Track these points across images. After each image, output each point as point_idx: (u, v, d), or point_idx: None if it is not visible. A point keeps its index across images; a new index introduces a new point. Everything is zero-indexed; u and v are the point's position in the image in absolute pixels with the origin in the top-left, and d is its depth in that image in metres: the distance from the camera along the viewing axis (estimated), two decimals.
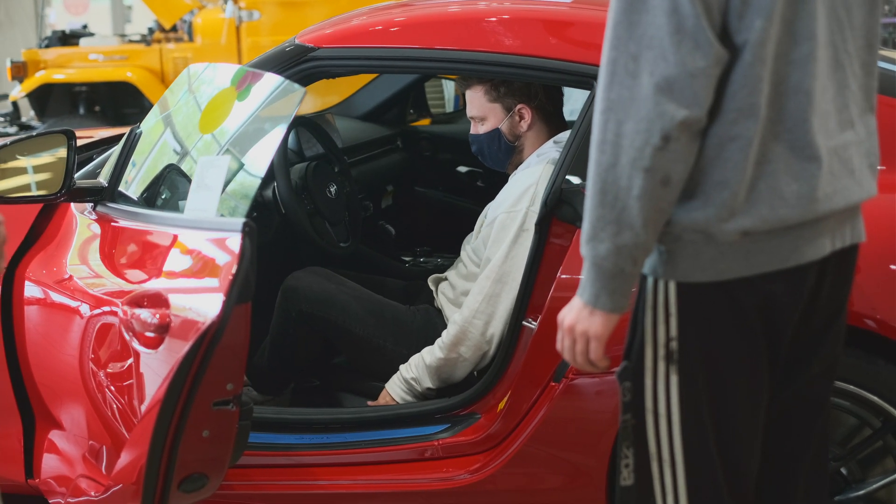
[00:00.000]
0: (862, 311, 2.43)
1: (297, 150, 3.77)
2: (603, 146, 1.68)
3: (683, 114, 1.63)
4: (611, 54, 1.67)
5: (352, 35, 3.02)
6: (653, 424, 1.83)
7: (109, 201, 2.78)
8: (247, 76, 2.67)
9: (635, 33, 1.65)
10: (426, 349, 3.00)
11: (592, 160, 1.70)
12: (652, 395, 1.83)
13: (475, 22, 2.95)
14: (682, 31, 1.63)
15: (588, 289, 1.76)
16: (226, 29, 8.07)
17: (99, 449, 2.64)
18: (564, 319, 1.83)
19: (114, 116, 8.64)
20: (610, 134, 1.67)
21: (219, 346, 2.18)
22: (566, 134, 3.08)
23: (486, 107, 3.13)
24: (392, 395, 3.02)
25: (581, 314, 1.79)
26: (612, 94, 1.66)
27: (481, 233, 3.10)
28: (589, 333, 1.79)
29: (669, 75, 1.63)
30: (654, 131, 1.63)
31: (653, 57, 1.63)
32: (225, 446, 2.35)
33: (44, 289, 2.78)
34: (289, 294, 3.16)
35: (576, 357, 1.83)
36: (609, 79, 1.67)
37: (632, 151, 1.65)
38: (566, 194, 2.66)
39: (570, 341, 1.82)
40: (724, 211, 1.70)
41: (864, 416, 2.56)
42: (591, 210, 1.71)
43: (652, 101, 1.63)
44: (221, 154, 2.50)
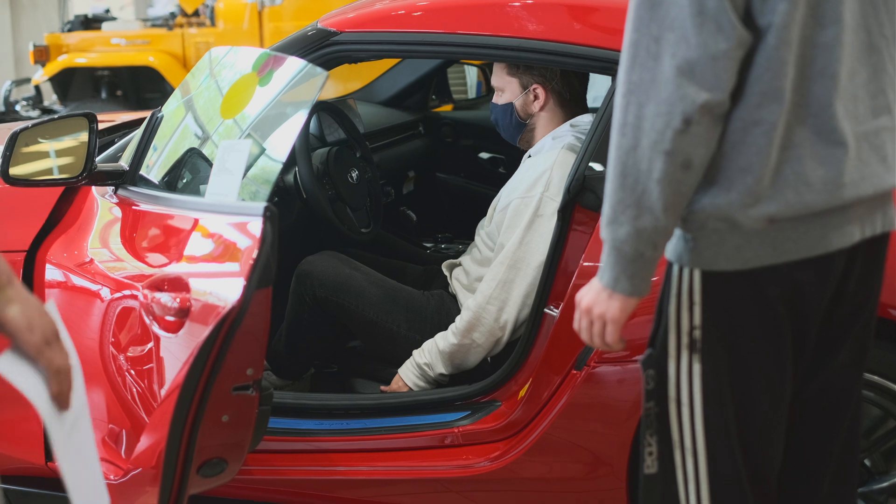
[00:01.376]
0: (887, 301, 2.40)
1: (318, 136, 3.76)
2: (624, 129, 1.67)
3: (705, 97, 1.62)
4: (632, 36, 1.66)
5: (374, 19, 3.00)
6: (676, 413, 1.82)
7: (130, 185, 2.77)
8: (269, 60, 2.66)
9: (657, 15, 1.64)
10: (440, 335, 2.99)
11: (613, 143, 1.69)
12: (675, 384, 1.81)
13: (499, 6, 2.93)
14: (704, 13, 1.61)
15: (608, 272, 1.76)
16: (248, 14, 8.06)
17: (118, 433, 2.64)
18: (582, 300, 1.83)
19: (135, 101, 8.65)
20: (631, 116, 1.66)
21: (239, 331, 2.17)
22: (585, 118, 3.06)
23: (504, 79, 3.13)
24: (405, 380, 3.01)
25: (600, 296, 1.79)
26: (634, 76, 1.65)
27: (494, 218, 3.08)
28: (606, 316, 1.79)
29: (691, 58, 1.61)
30: (675, 114, 1.62)
31: (674, 39, 1.62)
32: (244, 431, 2.34)
33: (65, 272, 2.78)
34: (303, 278, 3.15)
35: (592, 338, 1.83)
36: (631, 61, 1.66)
37: (653, 134, 1.64)
38: (589, 181, 2.64)
39: (587, 322, 1.83)
40: (749, 196, 1.69)
41: (888, 408, 2.54)
42: (612, 193, 1.70)
43: (673, 84, 1.62)
44: (243, 138, 2.49)
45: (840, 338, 1.87)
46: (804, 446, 1.93)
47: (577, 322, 1.85)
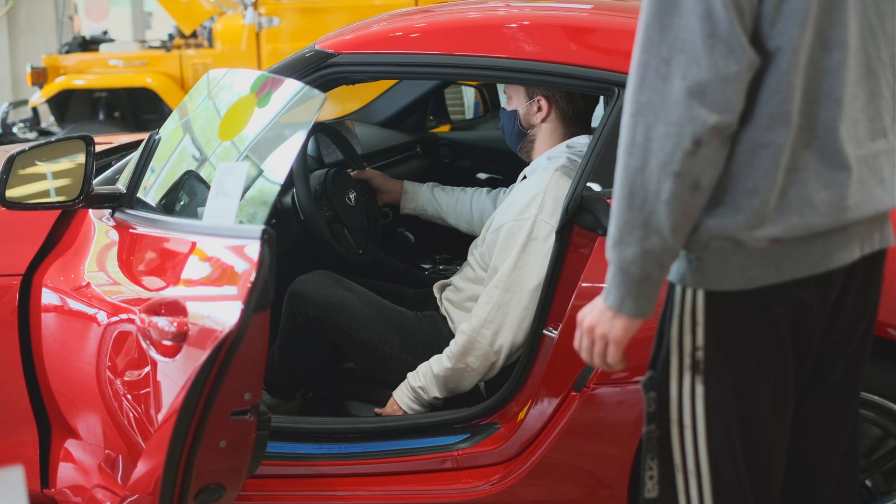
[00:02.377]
0: (886, 320, 2.40)
1: (316, 157, 3.75)
2: (632, 149, 1.66)
3: (715, 119, 1.62)
4: (641, 57, 1.66)
5: (372, 41, 3.00)
6: (678, 435, 1.81)
7: (128, 208, 2.77)
8: (267, 82, 2.66)
9: (667, 37, 1.64)
10: (434, 358, 2.97)
11: (620, 163, 1.68)
12: (677, 406, 1.81)
13: (495, 28, 2.93)
14: (716, 35, 1.61)
15: (613, 293, 1.75)
16: (246, 35, 8.07)
17: (115, 458, 2.62)
18: (585, 319, 1.82)
19: (133, 122, 8.65)
20: (639, 137, 1.65)
21: (237, 355, 2.16)
22: (582, 139, 3.06)
23: (512, 87, 3.14)
24: (399, 403, 3.00)
25: (603, 317, 1.78)
26: (643, 97, 1.65)
27: (487, 238, 3.07)
28: (609, 337, 1.78)
29: (702, 80, 1.61)
30: (685, 136, 1.62)
31: (685, 61, 1.62)
32: (242, 456, 2.33)
33: (61, 296, 2.77)
34: (295, 298, 3.14)
35: (593, 358, 1.82)
36: (640, 82, 1.66)
37: (662, 155, 1.63)
38: (587, 202, 2.64)
39: (588, 342, 1.82)
40: (754, 218, 1.69)
41: (888, 428, 2.53)
42: (619, 214, 1.69)
43: (683, 106, 1.62)
44: (241, 160, 2.48)
45: (838, 353, 1.87)
46: (804, 463, 1.93)
47: (577, 341, 1.84)
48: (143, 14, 13.53)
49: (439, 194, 3.66)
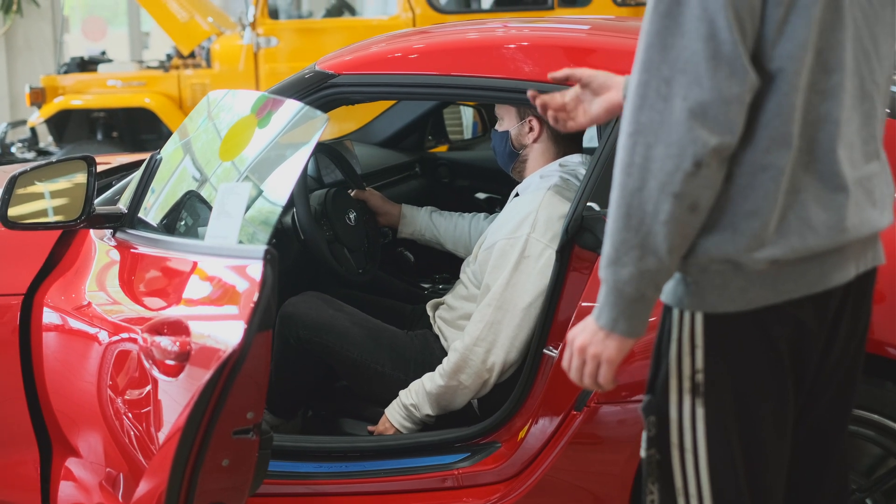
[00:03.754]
0: (886, 339, 2.41)
1: (316, 177, 3.76)
2: (629, 169, 1.66)
3: (717, 140, 1.62)
4: (642, 77, 1.66)
5: (371, 62, 3.02)
6: (679, 459, 1.81)
7: (129, 227, 2.78)
8: (267, 103, 2.67)
9: (669, 57, 1.63)
10: (427, 375, 2.98)
11: (617, 183, 1.68)
12: (678, 429, 1.80)
13: (494, 49, 2.95)
14: (719, 56, 1.61)
15: (606, 313, 1.74)
16: (244, 55, 8.09)
17: (116, 477, 2.62)
18: (576, 339, 1.81)
19: (131, 142, 8.66)
20: (638, 157, 1.65)
21: (240, 375, 2.17)
22: (574, 157, 3.07)
23: (504, 107, 3.15)
24: (391, 420, 3.00)
25: (595, 337, 1.77)
26: (643, 117, 1.65)
27: (479, 256, 3.08)
28: (602, 357, 1.78)
29: (704, 101, 1.61)
30: (685, 156, 1.62)
31: (686, 81, 1.62)
32: (245, 475, 2.33)
33: (62, 315, 2.77)
34: (286, 320, 3.15)
35: (583, 378, 1.81)
36: (639, 101, 1.65)
37: (661, 176, 1.63)
38: (587, 221, 2.65)
39: (579, 362, 1.81)
40: (754, 241, 1.69)
41: (888, 447, 2.53)
42: (615, 233, 1.69)
43: (685, 126, 1.61)
44: (242, 181, 2.49)
45: (834, 371, 1.88)
46: (800, 482, 1.93)
47: (567, 361, 1.84)
48: (141, 34, 13.55)
49: (437, 219, 3.67)
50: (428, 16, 7.70)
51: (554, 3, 7.78)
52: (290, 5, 9.12)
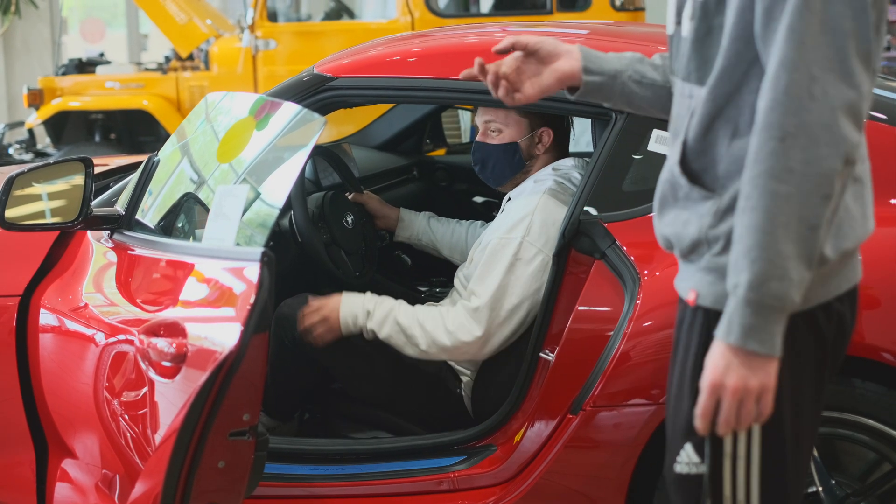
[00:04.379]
0: (880, 344, 2.41)
1: (314, 180, 3.77)
2: (783, 175, 1.60)
3: (858, 137, 1.62)
4: (792, 76, 1.61)
5: (369, 65, 3.02)
6: (730, 469, 1.78)
7: (126, 229, 2.78)
8: (265, 106, 2.67)
9: (819, 55, 1.60)
10: (406, 308, 2.97)
11: (764, 192, 1.61)
12: (732, 437, 1.76)
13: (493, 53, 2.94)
14: (861, 54, 1.61)
15: (759, 335, 1.63)
16: (242, 58, 8.10)
17: (112, 478, 2.63)
18: (725, 382, 1.66)
19: (129, 144, 8.67)
20: (794, 162, 1.60)
21: (236, 377, 2.17)
22: (566, 161, 3.08)
23: (511, 118, 3.10)
24: (342, 305, 3.00)
25: (750, 366, 1.64)
26: (796, 119, 1.60)
27: (474, 259, 3.08)
28: (766, 385, 1.65)
29: (851, 99, 1.60)
30: (838, 156, 1.59)
31: (834, 80, 1.60)
32: (240, 477, 2.33)
33: (59, 317, 2.77)
34: (281, 321, 3.14)
35: (741, 421, 1.68)
36: (792, 103, 1.61)
37: (817, 178, 1.59)
38: (584, 225, 2.65)
39: (734, 403, 1.66)
40: (828, 234, 1.69)
41: (883, 451, 2.53)
42: (767, 247, 1.60)
43: (836, 126, 1.59)
44: (240, 183, 2.50)
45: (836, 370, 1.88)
46: None
47: (708, 408, 1.68)
48: (139, 36, 13.55)
49: (435, 225, 3.68)
50: (426, 19, 7.71)
51: (553, 7, 7.79)
52: (288, 8, 9.13)
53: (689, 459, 1.84)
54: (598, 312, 2.63)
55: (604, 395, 2.53)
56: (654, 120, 2.68)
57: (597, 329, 2.61)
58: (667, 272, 2.52)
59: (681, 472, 1.85)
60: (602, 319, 2.61)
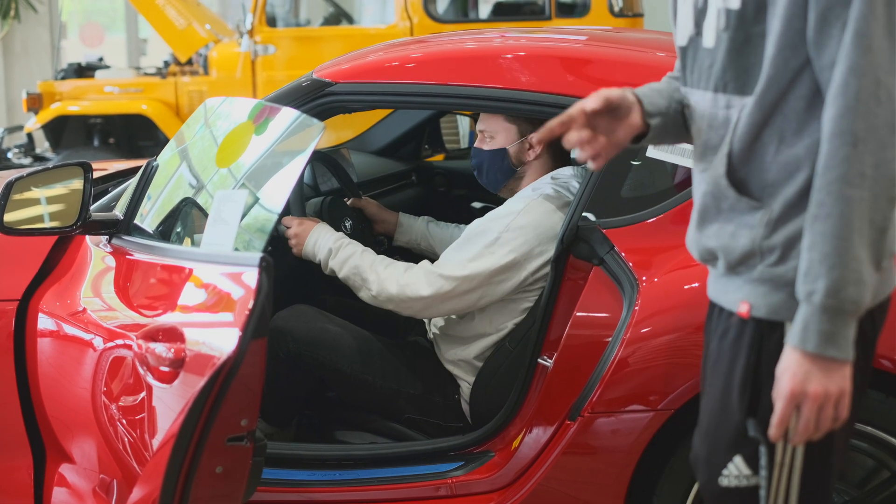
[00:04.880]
0: (879, 351, 2.41)
1: (312, 185, 3.76)
2: (858, 180, 1.60)
3: None
4: (861, 82, 1.61)
5: (368, 70, 3.02)
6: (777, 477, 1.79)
7: (125, 234, 2.78)
8: (264, 110, 2.67)
9: (885, 59, 1.61)
10: (368, 255, 3.01)
11: (839, 197, 1.61)
12: (782, 447, 1.77)
13: (491, 58, 2.96)
14: None
15: (837, 342, 1.64)
16: (241, 63, 8.10)
17: (109, 483, 2.62)
18: (806, 391, 1.66)
19: (128, 148, 8.67)
20: (866, 167, 1.60)
21: (234, 382, 2.17)
22: (566, 170, 3.07)
23: (502, 124, 3.10)
24: (314, 235, 3.07)
25: (829, 373, 1.65)
26: (863, 123, 1.61)
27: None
28: (844, 389, 1.66)
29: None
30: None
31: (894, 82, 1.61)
32: (238, 483, 2.33)
33: (57, 321, 2.77)
34: (276, 333, 3.13)
35: (820, 426, 1.68)
36: (858, 109, 1.61)
37: (885, 181, 1.61)
38: (582, 232, 2.66)
39: (814, 410, 1.67)
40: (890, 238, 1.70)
41: (882, 459, 2.53)
42: (843, 252, 1.61)
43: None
44: (238, 188, 2.50)
45: None
46: None
47: (784, 417, 1.69)
48: (139, 40, 13.56)
49: (434, 229, 3.68)
50: (425, 25, 7.72)
51: (551, 13, 7.80)
52: (287, 13, 9.12)
53: (740, 472, 1.82)
54: (597, 318, 2.63)
55: (602, 401, 2.54)
56: None
57: (595, 335, 2.61)
58: (665, 278, 2.53)
59: (728, 486, 1.84)
60: (600, 325, 2.61)
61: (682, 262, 2.54)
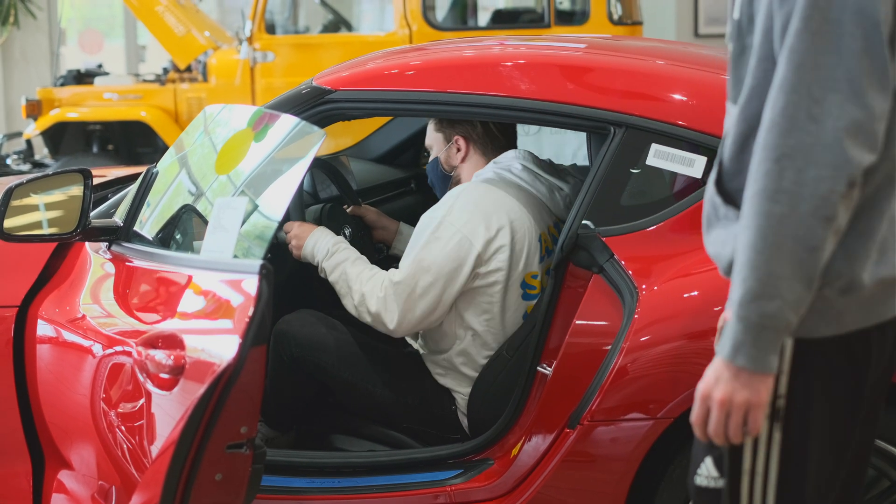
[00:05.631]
0: None
1: (312, 192, 3.77)
2: (777, 196, 1.61)
3: (868, 158, 1.60)
4: (789, 98, 1.61)
5: (368, 78, 3.03)
6: (748, 485, 1.79)
7: (124, 241, 2.78)
8: (263, 118, 2.67)
9: (820, 76, 1.60)
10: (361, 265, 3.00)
11: (759, 212, 1.62)
12: (751, 455, 1.77)
13: (491, 66, 2.96)
14: (872, 73, 1.59)
15: (749, 352, 1.65)
16: (240, 70, 8.10)
17: (108, 490, 2.62)
18: (713, 393, 1.70)
19: (127, 155, 8.66)
20: (787, 182, 1.60)
21: (234, 389, 2.17)
22: (507, 154, 3.10)
23: (433, 136, 3.20)
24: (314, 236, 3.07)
25: (738, 381, 1.67)
26: (791, 140, 1.60)
27: None
28: (752, 401, 1.67)
29: (857, 119, 1.59)
30: (840, 178, 1.59)
31: (840, 100, 1.59)
32: (237, 490, 2.33)
33: (56, 328, 2.77)
34: (279, 338, 3.14)
35: (729, 431, 1.70)
36: (787, 124, 1.61)
37: (814, 200, 1.59)
38: (582, 239, 2.66)
39: (721, 414, 1.69)
40: (866, 261, 1.68)
41: (882, 468, 2.53)
42: (759, 266, 1.62)
43: (839, 147, 1.58)
44: (238, 195, 2.50)
45: (883, 397, 1.87)
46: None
47: (700, 416, 1.72)
48: (138, 47, 13.55)
49: None
50: (425, 32, 7.72)
51: (551, 20, 7.80)
52: (287, 20, 9.13)
53: (709, 473, 1.84)
54: (596, 326, 2.63)
55: (601, 409, 2.53)
56: (652, 134, 2.69)
57: (594, 343, 2.61)
58: (665, 286, 2.53)
59: (700, 485, 1.86)
60: (600, 333, 2.61)
61: (681, 271, 2.54)
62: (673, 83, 2.84)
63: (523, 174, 3.05)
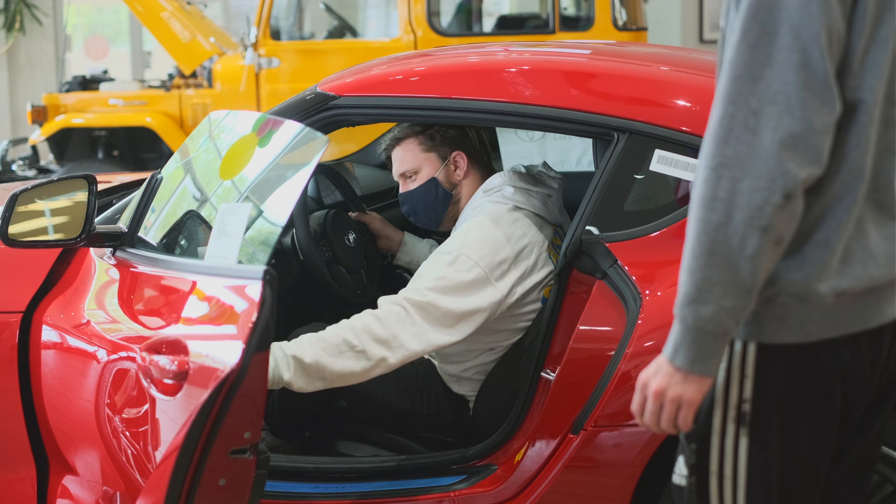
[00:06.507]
0: None
1: (316, 198, 3.77)
2: (713, 203, 1.63)
3: (807, 172, 1.61)
4: (727, 109, 1.64)
5: (372, 84, 3.03)
6: (717, 487, 1.80)
7: (129, 247, 2.78)
8: (268, 123, 2.68)
9: (758, 88, 1.62)
10: (336, 330, 2.72)
11: (697, 218, 1.65)
12: (718, 458, 1.79)
13: (495, 72, 2.96)
14: (811, 86, 1.60)
15: (683, 353, 1.70)
16: (245, 76, 8.11)
17: (112, 495, 2.63)
18: (650, 383, 1.75)
19: (132, 161, 8.67)
20: (723, 191, 1.62)
21: (238, 394, 2.17)
22: (495, 179, 3.06)
23: (419, 158, 3.12)
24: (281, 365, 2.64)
25: (673, 379, 1.72)
26: (728, 150, 1.62)
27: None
28: (683, 399, 1.72)
29: (795, 132, 1.60)
30: (775, 189, 1.60)
31: (777, 112, 1.61)
32: (241, 495, 2.33)
33: (61, 333, 2.78)
34: None
35: (660, 423, 1.75)
36: (724, 134, 1.63)
37: (749, 210, 1.61)
38: (585, 245, 2.66)
39: (655, 406, 1.75)
40: (822, 271, 1.68)
41: (885, 473, 2.53)
42: (695, 271, 1.65)
43: (775, 159, 1.60)
44: (242, 201, 2.50)
45: (880, 407, 1.86)
46: None
47: (638, 405, 1.78)
48: (143, 53, 13.57)
49: None
50: (429, 38, 7.73)
51: (555, 26, 7.81)
52: (291, 26, 9.13)
53: (680, 472, 1.86)
54: (600, 332, 2.63)
55: (605, 415, 2.54)
56: (656, 140, 2.69)
57: (598, 349, 2.61)
58: (668, 292, 2.53)
59: (675, 483, 1.87)
60: (603, 339, 2.61)
61: None
62: (677, 89, 2.84)
63: (517, 196, 2.99)
